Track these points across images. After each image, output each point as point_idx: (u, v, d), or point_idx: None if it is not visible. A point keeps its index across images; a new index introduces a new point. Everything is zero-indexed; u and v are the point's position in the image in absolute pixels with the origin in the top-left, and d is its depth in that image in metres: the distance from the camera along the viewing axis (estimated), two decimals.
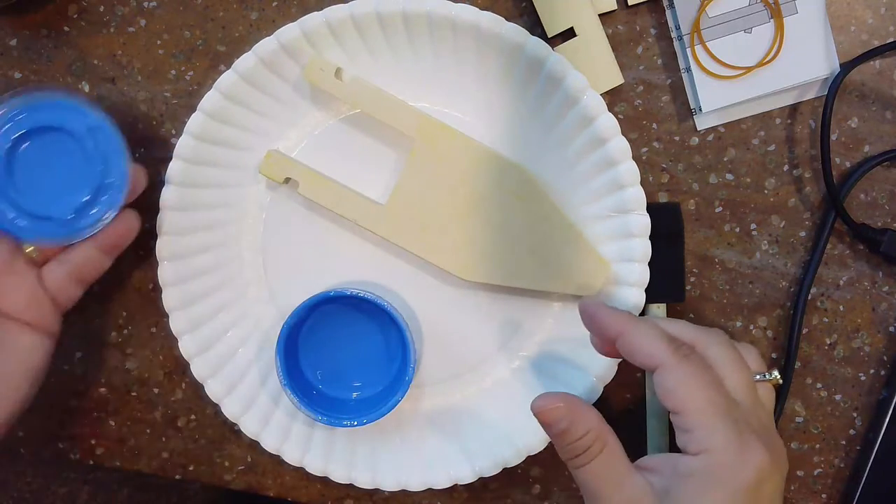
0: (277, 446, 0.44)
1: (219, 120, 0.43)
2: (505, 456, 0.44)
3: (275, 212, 0.45)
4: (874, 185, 0.45)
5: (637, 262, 0.42)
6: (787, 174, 0.45)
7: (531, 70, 0.42)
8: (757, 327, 0.45)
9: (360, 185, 0.44)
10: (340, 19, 0.42)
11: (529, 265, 0.43)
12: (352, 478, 0.44)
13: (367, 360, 0.45)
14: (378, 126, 0.44)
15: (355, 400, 0.45)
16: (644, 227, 0.42)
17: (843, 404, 0.45)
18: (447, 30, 0.42)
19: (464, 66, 0.44)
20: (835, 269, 0.45)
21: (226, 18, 0.46)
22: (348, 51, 0.43)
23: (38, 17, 0.46)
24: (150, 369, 0.47)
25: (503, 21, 0.41)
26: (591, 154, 0.42)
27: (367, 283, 0.45)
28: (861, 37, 0.44)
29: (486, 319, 0.45)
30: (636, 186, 0.42)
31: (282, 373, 0.42)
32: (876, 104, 0.44)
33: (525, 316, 0.45)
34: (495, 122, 0.44)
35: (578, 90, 0.41)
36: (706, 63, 0.43)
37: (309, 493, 0.47)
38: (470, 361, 0.45)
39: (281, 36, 0.42)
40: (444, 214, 0.43)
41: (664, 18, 0.44)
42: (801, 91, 0.44)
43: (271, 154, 0.44)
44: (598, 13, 0.44)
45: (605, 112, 0.41)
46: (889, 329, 0.45)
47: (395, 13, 0.42)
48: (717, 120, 0.45)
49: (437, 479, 0.44)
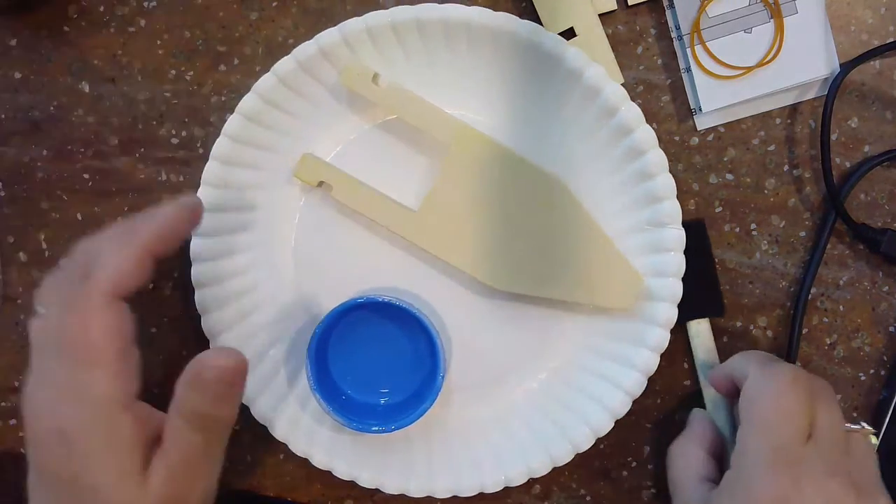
0: (306, 449, 0.44)
1: (256, 122, 0.43)
2: (533, 466, 0.43)
3: (308, 215, 0.45)
4: (874, 185, 0.45)
5: (671, 276, 0.42)
6: (787, 174, 0.45)
7: (567, 79, 0.42)
8: (757, 327, 0.45)
9: (393, 190, 0.44)
10: (380, 25, 0.42)
11: (560, 276, 0.43)
12: (379, 483, 0.44)
13: (396, 366, 0.44)
14: (413, 132, 0.44)
15: (384, 406, 0.44)
16: (679, 242, 0.42)
17: (843, 404, 0.45)
18: (486, 38, 0.42)
19: (491, 73, 0.44)
20: (835, 269, 0.45)
21: (226, 18, 0.46)
22: (387, 57, 0.43)
23: (38, 17, 0.46)
24: (150, 369, 0.47)
25: (517, 19, 0.41)
26: (628, 165, 0.42)
27: (397, 290, 0.45)
28: (861, 37, 0.44)
29: (516, 330, 0.45)
30: (672, 200, 0.42)
31: (312, 377, 0.42)
32: (876, 104, 0.44)
33: (555, 327, 0.45)
34: (529, 131, 0.44)
35: (617, 101, 0.41)
36: (706, 63, 0.43)
37: (309, 493, 0.47)
38: (498, 371, 0.45)
39: (321, 40, 0.42)
40: (475, 222, 0.43)
41: (664, 18, 0.44)
42: (801, 91, 0.44)
43: (306, 157, 0.43)
44: (598, 13, 0.44)
45: (644, 124, 0.41)
46: (889, 329, 0.45)
47: (408, 21, 0.42)
48: (717, 120, 0.45)
49: (464, 487, 0.44)
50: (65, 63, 0.46)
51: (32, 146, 0.47)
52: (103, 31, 0.46)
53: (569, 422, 0.43)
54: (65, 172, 0.47)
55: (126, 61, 0.46)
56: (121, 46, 0.46)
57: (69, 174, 0.47)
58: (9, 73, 0.46)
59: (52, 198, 0.47)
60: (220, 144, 0.43)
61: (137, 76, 0.46)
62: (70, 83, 0.46)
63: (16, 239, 0.47)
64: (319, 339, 0.42)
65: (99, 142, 0.46)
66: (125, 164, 0.46)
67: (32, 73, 0.46)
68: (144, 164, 0.46)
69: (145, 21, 0.46)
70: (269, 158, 0.45)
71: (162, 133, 0.46)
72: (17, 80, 0.46)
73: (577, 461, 0.44)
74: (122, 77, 0.46)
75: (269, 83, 0.43)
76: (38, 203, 0.47)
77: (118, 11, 0.46)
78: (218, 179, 0.43)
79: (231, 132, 0.43)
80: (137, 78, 0.46)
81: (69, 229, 0.47)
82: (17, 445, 0.48)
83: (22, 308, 0.47)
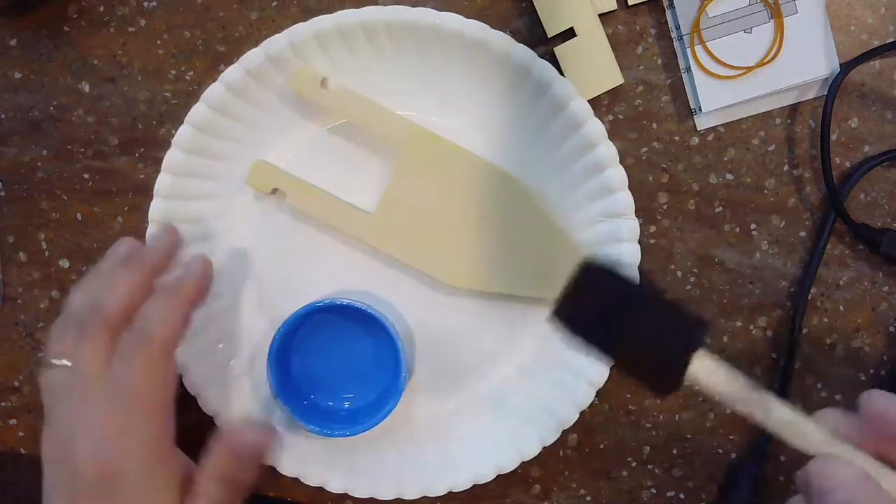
0: (273, 458, 0.44)
1: (206, 132, 0.43)
2: (502, 462, 0.44)
3: (264, 222, 0.45)
4: (874, 185, 0.45)
5: (628, 266, 0.42)
6: (787, 174, 0.45)
7: (519, 78, 0.42)
8: (757, 327, 0.45)
9: (349, 194, 0.44)
10: (326, 30, 0.42)
11: (519, 271, 0.43)
12: (349, 488, 0.44)
13: (360, 369, 0.45)
14: (366, 135, 0.44)
15: (348, 409, 0.45)
16: (633, 231, 0.42)
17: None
18: (432, 39, 0.42)
19: (451, 75, 0.44)
20: (835, 269, 0.45)
21: (226, 18, 0.46)
22: (335, 61, 0.43)
23: (38, 17, 0.46)
24: None
25: (488, 28, 0.41)
26: (580, 160, 0.43)
27: (358, 292, 0.45)
28: (861, 37, 0.44)
29: (480, 326, 0.45)
30: (624, 191, 0.42)
31: (273, 384, 0.42)
32: (876, 104, 0.44)
33: (518, 322, 0.45)
34: (485, 131, 0.44)
35: (565, 97, 0.41)
36: (706, 63, 0.43)
37: (309, 494, 0.47)
38: (464, 368, 0.45)
39: (268, 47, 0.42)
40: (432, 222, 0.43)
41: (664, 18, 0.44)
42: (801, 91, 0.44)
43: (258, 165, 0.44)
44: (598, 13, 0.44)
45: (592, 118, 0.42)
46: (889, 329, 0.45)
47: (378, 22, 0.42)
48: (717, 120, 0.45)
49: (434, 487, 0.44)
50: (65, 63, 0.46)
51: (32, 146, 0.47)
52: (103, 31, 0.46)
53: (536, 415, 0.44)
54: (65, 172, 0.47)
55: (126, 61, 0.46)
56: (121, 46, 0.46)
57: (69, 174, 0.47)
58: (9, 73, 0.46)
59: (52, 198, 0.47)
60: (171, 156, 0.43)
61: (137, 76, 0.46)
62: (70, 83, 0.46)
63: (16, 239, 0.47)
64: (280, 345, 0.42)
65: (99, 142, 0.46)
66: (125, 164, 0.46)
67: (32, 73, 0.46)
68: (144, 164, 0.46)
69: (145, 21, 0.46)
70: (222, 167, 0.44)
71: (162, 133, 0.46)
72: (17, 80, 0.46)
73: (577, 461, 0.44)
74: (122, 77, 0.46)
75: (218, 91, 0.43)
76: (38, 203, 0.47)
77: (118, 11, 0.46)
78: (170, 191, 0.43)
79: (181, 143, 0.43)
80: (137, 78, 0.46)
81: (69, 229, 0.47)
82: (18, 445, 0.48)
83: (22, 308, 0.47)
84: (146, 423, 0.33)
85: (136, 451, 0.33)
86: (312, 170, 0.44)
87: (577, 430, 0.45)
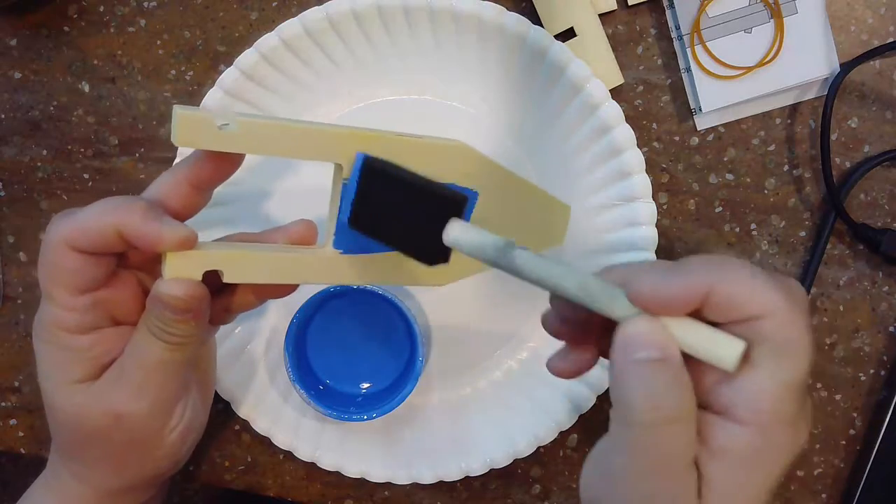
0: (289, 442, 0.45)
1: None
2: (517, 447, 0.44)
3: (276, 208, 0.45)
4: (874, 185, 0.45)
5: (645, 250, 0.42)
6: (787, 174, 0.45)
7: (534, 60, 0.42)
8: None
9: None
10: (343, 13, 0.42)
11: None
12: (364, 472, 0.44)
13: (376, 354, 0.45)
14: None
15: (364, 394, 0.45)
16: (651, 215, 0.42)
17: (843, 404, 0.45)
18: (448, 21, 0.42)
19: (467, 58, 0.44)
20: (835, 269, 0.45)
21: (226, 18, 0.46)
22: (350, 45, 0.43)
23: (38, 17, 0.46)
24: None
25: (504, 11, 0.41)
26: (596, 143, 0.42)
27: None
28: (861, 37, 0.44)
29: (495, 311, 0.45)
30: (642, 174, 0.42)
31: (290, 369, 0.42)
32: (876, 104, 0.44)
33: (534, 306, 0.45)
34: (502, 114, 0.44)
35: (582, 79, 0.41)
36: (706, 63, 0.43)
37: (309, 493, 0.47)
38: (478, 354, 0.45)
39: (282, 32, 0.42)
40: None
41: (664, 18, 0.44)
42: (801, 91, 0.44)
43: (172, 256, 0.31)
44: (598, 13, 0.44)
45: (609, 100, 0.41)
46: (889, 329, 0.45)
47: (395, 6, 0.42)
48: (717, 120, 0.45)
49: (449, 472, 0.44)
50: (65, 63, 0.46)
51: (32, 146, 0.47)
52: (103, 31, 0.46)
53: (551, 400, 0.44)
54: (65, 172, 0.47)
55: (126, 61, 0.46)
56: (121, 46, 0.46)
57: (69, 174, 0.47)
58: (9, 73, 0.46)
59: (52, 198, 0.47)
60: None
61: (137, 76, 0.46)
62: (70, 83, 0.46)
63: (16, 239, 0.47)
64: (297, 330, 0.42)
65: (99, 142, 0.46)
66: (125, 164, 0.46)
67: (32, 73, 0.46)
68: (144, 164, 0.46)
69: (145, 21, 0.46)
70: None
71: (162, 133, 0.46)
72: (17, 80, 0.46)
73: (577, 461, 0.44)
74: (122, 77, 0.46)
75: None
76: (38, 203, 0.47)
77: (118, 11, 0.46)
78: None
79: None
80: (137, 78, 0.46)
81: None
82: (18, 445, 0.48)
83: (22, 308, 0.47)
84: (46, 306, 0.33)
85: (39, 329, 0.34)
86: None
87: (577, 430, 0.45)
